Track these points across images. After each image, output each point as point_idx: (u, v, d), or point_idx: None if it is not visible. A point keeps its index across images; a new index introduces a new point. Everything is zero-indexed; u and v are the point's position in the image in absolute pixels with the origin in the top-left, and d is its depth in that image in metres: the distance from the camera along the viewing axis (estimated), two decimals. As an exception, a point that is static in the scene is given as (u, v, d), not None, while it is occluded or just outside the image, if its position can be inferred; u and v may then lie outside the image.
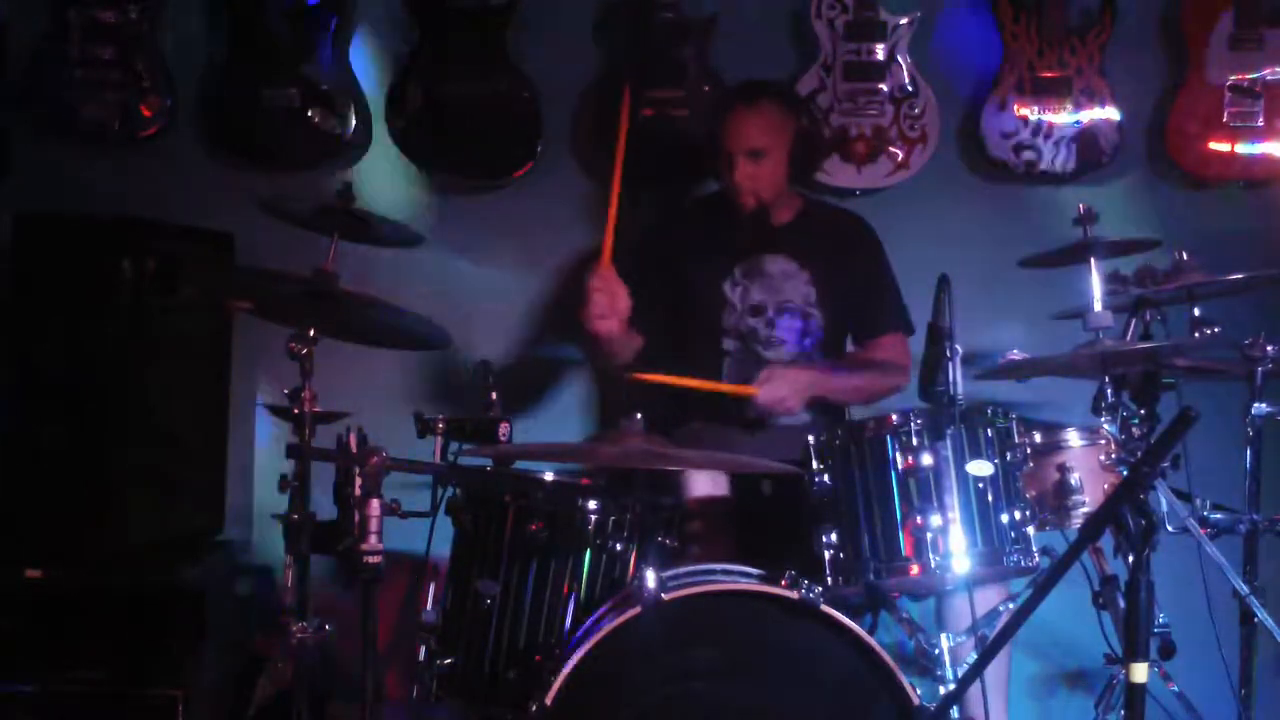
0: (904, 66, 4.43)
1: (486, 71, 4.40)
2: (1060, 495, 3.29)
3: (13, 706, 3.74)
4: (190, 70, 4.47)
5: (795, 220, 4.01)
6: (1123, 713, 3.09)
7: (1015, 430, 3.26)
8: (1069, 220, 3.48)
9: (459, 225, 4.54)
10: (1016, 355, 3.39)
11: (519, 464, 3.61)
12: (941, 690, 3.15)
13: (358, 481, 3.03)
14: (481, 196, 4.57)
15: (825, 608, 3.01)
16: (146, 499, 4.04)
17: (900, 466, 3.18)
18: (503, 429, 3.53)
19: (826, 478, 3.23)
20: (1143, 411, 3.36)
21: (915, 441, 3.17)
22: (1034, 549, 3.19)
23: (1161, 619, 3.25)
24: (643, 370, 3.75)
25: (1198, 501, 3.37)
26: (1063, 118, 4.41)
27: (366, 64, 4.52)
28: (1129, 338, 3.38)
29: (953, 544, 3.13)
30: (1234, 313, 3.56)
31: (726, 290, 3.95)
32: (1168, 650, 3.30)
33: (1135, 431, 3.33)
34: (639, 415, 3.17)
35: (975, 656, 3.14)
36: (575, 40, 4.54)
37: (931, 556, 3.14)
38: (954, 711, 3.02)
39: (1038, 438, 3.32)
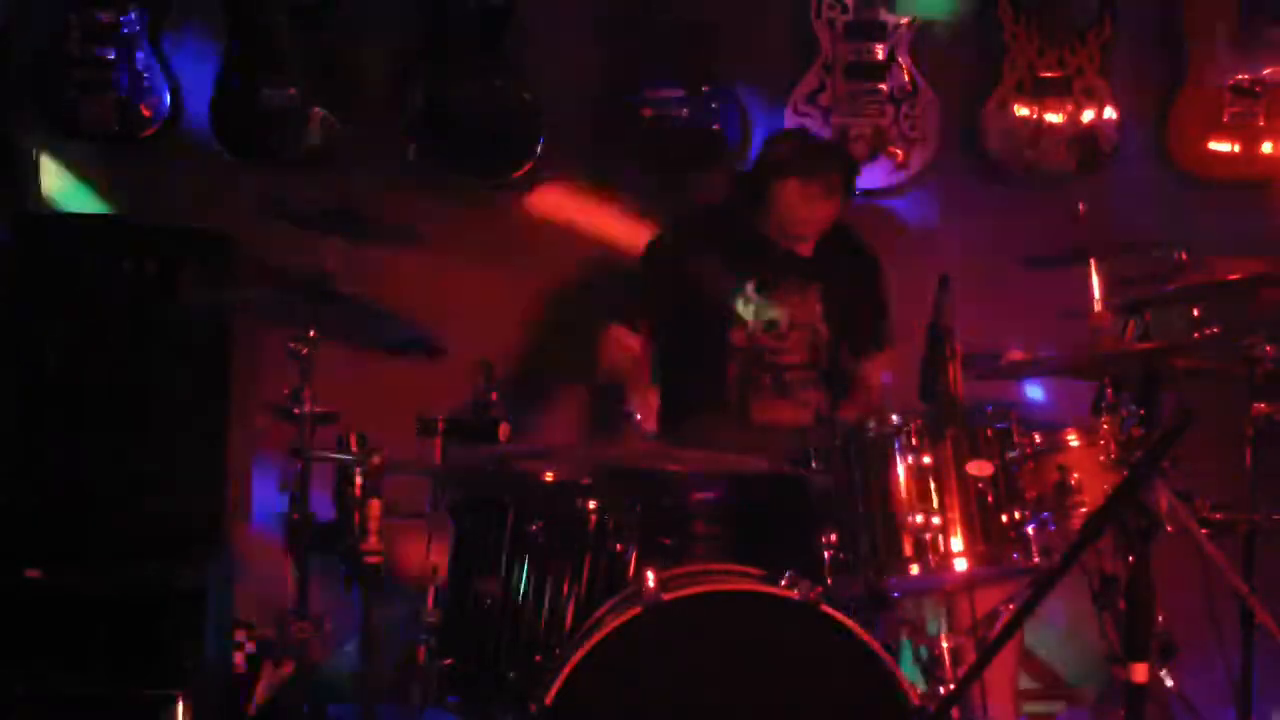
0: (904, 66, 4.43)
1: (487, 71, 4.41)
2: (1060, 495, 3.28)
3: (13, 706, 3.74)
4: (190, 70, 4.47)
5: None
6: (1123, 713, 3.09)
7: (1015, 430, 3.25)
8: (1069, 220, 3.48)
9: (459, 225, 4.54)
10: (1016, 355, 3.39)
11: (519, 464, 3.61)
12: (941, 690, 3.15)
13: (358, 481, 3.04)
14: (481, 196, 4.57)
15: (825, 608, 3.01)
16: (146, 499, 4.04)
17: (900, 466, 3.18)
18: (503, 429, 3.54)
19: (826, 478, 3.23)
20: (1143, 411, 3.35)
21: (915, 441, 3.17)
22: (1034, 549, 3.19)
23: (1161, 619, 3.26)
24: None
25: (1198, 501, 3.37)
26: (1063, 118, 4.41)
27: (367, 64, 4.52)
28: (1129, 338, 3.38)
29: (953, 544, 3.13)
30: (1234, 313, 3.56)
31: (739, 306, 3.94)
32: (1168, 650, 3.30)
33: (1135, 431, 3.33)
34: (638, 416, 3.17)
35: (975, 656, 3.14)
36: (575, 40, 4.54)
37: (931, 556, 3.14)
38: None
39: (1038, 438, 3.31)
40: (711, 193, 4.24)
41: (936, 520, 3.13)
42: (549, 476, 3.46)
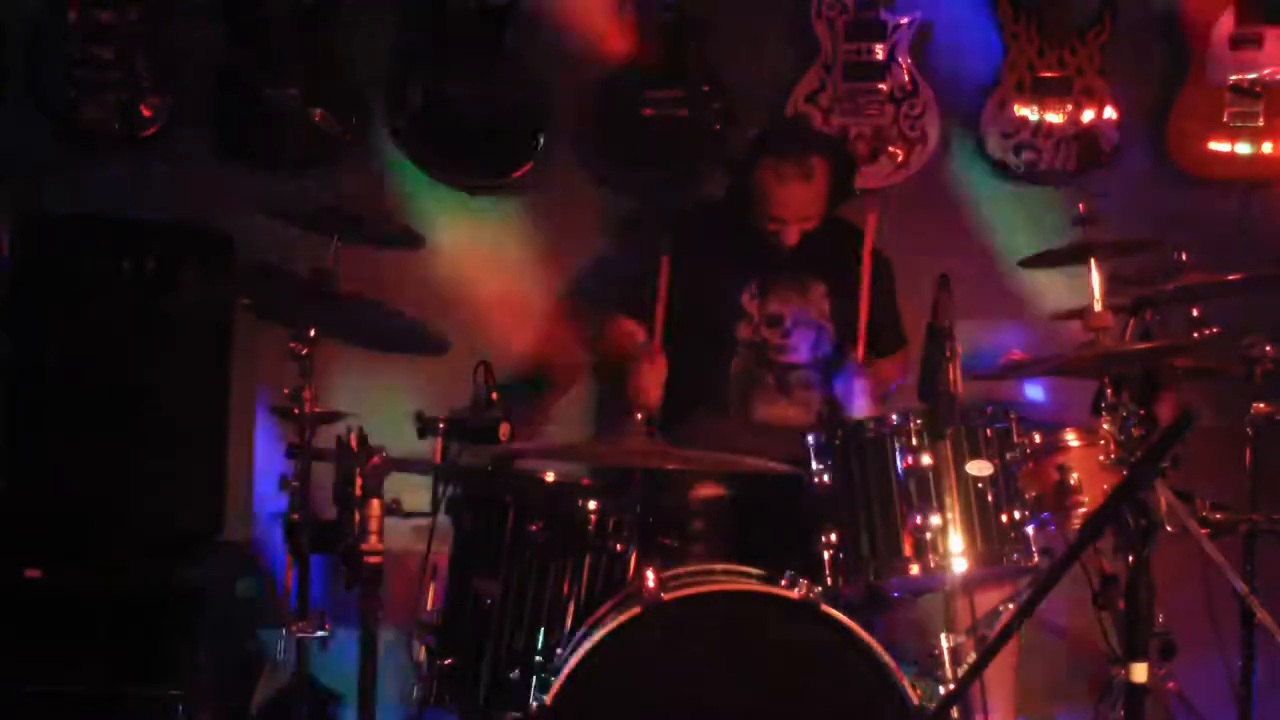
0: (904, 66, 4.43)
1: (486, 71, 4.40)
2: (1060, 495, 3.29)
3: (13, 706, 3.74)
4: (190, 70, 4.47)
5: (813, 233, 3.99)
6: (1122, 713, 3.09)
7: (1015, 430, 3.26)
8: (1069, 220, 3.48)
9: (459, 225, 4.54)
10: (1016, 355, 3.39)
11: (519, 464, 3.61)
12: (941, 690, 3.15)
13: (358, 481, 3.04)
14: (481, 196, 4.57)
15: (825, 608, 3.01)
16: (147, 499, 4.04)
17: (900, 466, 3.18)
18: (503, 429, 3.53)
19: (826, 478, 3.23)
20: (1143, 411, 3.35)
21: (915, 441, 3.17)
22: (1034, 549, 3.19)
23: (1161, 619, 3.26)
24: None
25: (1198, 501, 3.37)
26: (1063, 118, 4.41)
27: (366, 64, 4.51)
28: (1129, 338, 3.38)
29: (953, 544, 3.14)
30: (1234, 313, 3.56)
31: (744, 301, 3.93)
32: (1168, 650, 3.30)
33: (1135, 431, 3.33)
34: (639, 416, 3.17)
35: (975, 656, 3.14)
36: (575, 40, 4.54)
37: (931, 556, 3.14)
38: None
39: (1038, 438, 3.32)
40: (712, 192, 4.24)
41: (936, 520, 3.14)
42: (549, 476, 3.46)
